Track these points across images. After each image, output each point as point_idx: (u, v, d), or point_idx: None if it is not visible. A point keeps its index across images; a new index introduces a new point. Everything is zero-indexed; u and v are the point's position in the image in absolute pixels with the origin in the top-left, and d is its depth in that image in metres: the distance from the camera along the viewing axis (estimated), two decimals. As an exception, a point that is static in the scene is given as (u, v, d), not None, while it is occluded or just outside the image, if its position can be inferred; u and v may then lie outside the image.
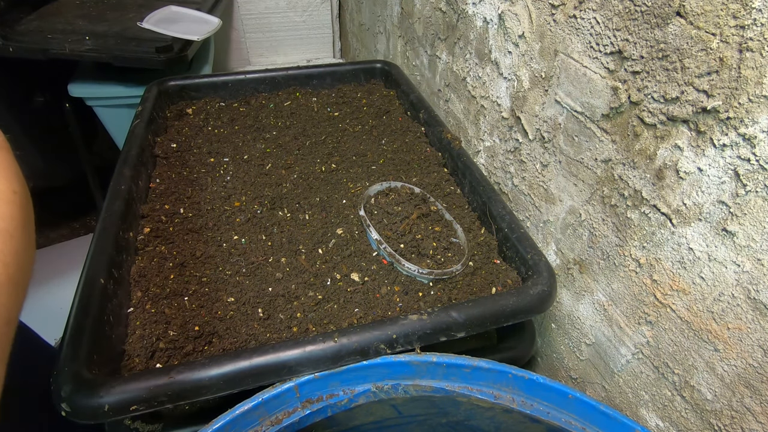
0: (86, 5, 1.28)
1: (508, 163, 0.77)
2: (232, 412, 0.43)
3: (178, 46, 1.13)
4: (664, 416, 0.53)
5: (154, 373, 0.44)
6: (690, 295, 0.46)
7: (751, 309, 0.40)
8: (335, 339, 0.47)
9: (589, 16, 0.53)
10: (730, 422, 0.44)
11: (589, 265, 0.60)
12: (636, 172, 0.50)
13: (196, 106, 0.94)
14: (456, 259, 0.62)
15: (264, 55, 2.14)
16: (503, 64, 0.73)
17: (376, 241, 0.61)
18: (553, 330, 0.71)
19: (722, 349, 0.44)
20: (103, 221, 0.60)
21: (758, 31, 0.35)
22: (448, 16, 0.90)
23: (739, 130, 0.38)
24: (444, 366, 0.48)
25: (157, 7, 1.28)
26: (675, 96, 0.43)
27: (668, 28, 0.43)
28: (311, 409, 0.46)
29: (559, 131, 0.62)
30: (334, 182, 0.77)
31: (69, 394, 0.42)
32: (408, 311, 0.54)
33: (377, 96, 1.01)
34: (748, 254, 0.40)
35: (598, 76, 0.53)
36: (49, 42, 1.02)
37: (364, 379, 0.48)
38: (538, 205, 0.70)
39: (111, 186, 0.66)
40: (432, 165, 0.81)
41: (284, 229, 0.67)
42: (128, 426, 0.48)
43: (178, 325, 0.53)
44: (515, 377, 0.48)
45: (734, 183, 0.40)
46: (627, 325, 0.55)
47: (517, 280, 0.60)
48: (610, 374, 0.60)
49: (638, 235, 0.51)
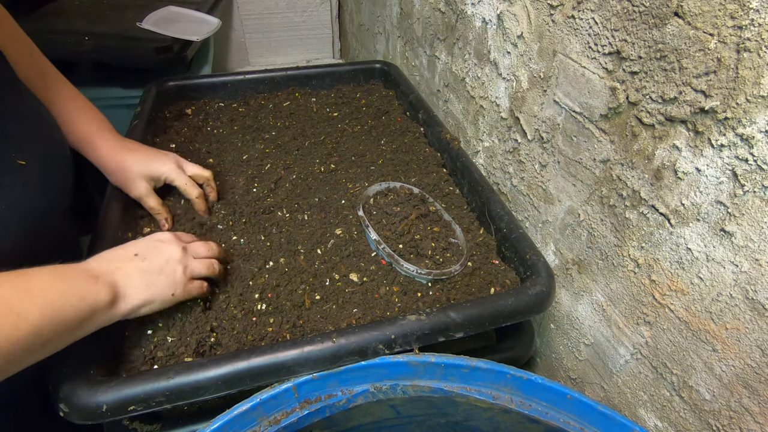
0: (86, 5, 1.28)
1: (507, 164, 0.77)
2: (230, 413, 0.43)
3: (178, 46, 1.13)
4: (663, 416, 0.53)
5: (153, 374, 0.44)
6: (688, 296, 0.46)
7: (749, 309, 0.40)
8: (334, 339, 0.47)
9: (587, 17, 0.53)
10: (728, 422, 0.44)
11: (587, 266, 0.60)
12: (634, 172, 0.50)
13: (195, 107, 0.94)
14: (455, 259, 0.62)
15: (263, 55, 2.14)
16: (502, 64, 0.73)
17: (375, 241, 0.61)
18: (551, 330, 0.71)
19: (720, 350, 0.44)
20: (101, 222, 0.60)
21: (756, 32, 0.35)
22: (447, 17, 0.90)
23: (737, 130, 0.38)
24: (442, 366, 0.48)
25: (156, 7, 1.28)
26: (673, 96, 0.43)
27: (666, 29, 0.43)
28: (309, 410, 0.46)
29: (557, 131, 0.62)
30: (333, 182, 0.77)
31: (67, 394, 0.42)
32: (406, 311, 0.54)
33: (376, 96, 1.01)
34: (746, 254, 0.40)
35: (597, 77, 0.53)
36: (49, 42, 1.02)
37: (362, 380, 0.48)
38: (537, 205, 0.70)
39: (110, 186, 0.66)
40: (431, 165, 0.81)
41: (283, 229, 0.67)
42: (126, 426, 0.48)
43: (178, 324, 0.53)
44: (514, 377, 0.48)
45: (732, 183, 0.40)
46: (626, 325, 0.55)
47: (515, 281, 0.60)
48: (609, 374, 0.60)
49: (637, 235, 0.51)
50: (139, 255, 0.49)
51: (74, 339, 0.42)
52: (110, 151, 0.63)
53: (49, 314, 0.38)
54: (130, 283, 0.46)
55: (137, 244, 0.50)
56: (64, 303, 0.39)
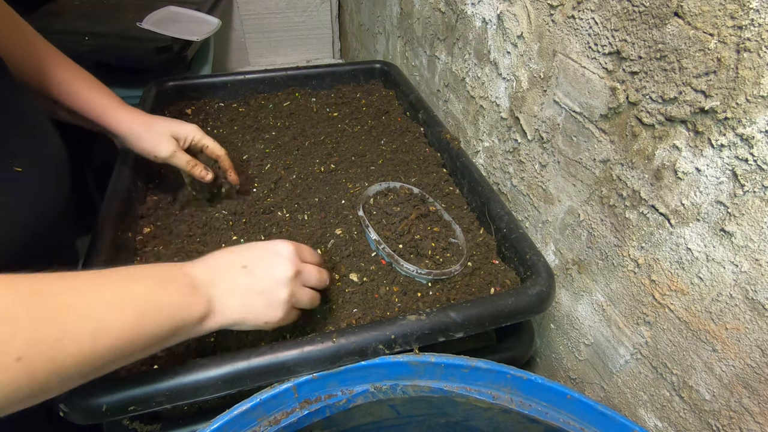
0: (86, 5, 1.28)
1: (507, 164, 0.77)
2: (230, 413, 0.43)
3: (178, 46, 1.13)
4: (663, 416, 0.53)
5: (153, 374, 0.44)
6: (688, 296, 0.46)
7: (749, 309, 0.40)
8: (333, 339, 0.47)
9: (587, 17, 0.53)
10: (728, 422, 0.44)
11: (587, 266, 0.60)
12: (634, 172, 0.50)
13: (195, 107, 0.94)
14: (455, 259, 0.62)
15: (263, 55, 2.14)
16: (502, 64, 0.73)
17: (375, 241, 0.61)
18: (551, 330, 0.71)
19: (720, 350, 0.44)
20: (101, 221, 0.60)
21: (756, 32, 0.35)
22: (447, 17, 0.90)
23: (737, 130, 0.38)
24: (442, 366, 0.48)
25: (156, 7, 1.28)
26: (673, 96, 0.43)
27: (666, 29, 0.43)
28: (309, 410, 0.46)
29: (557, 131, 0.62)
30: (333, 182, 0.77)
31: (67, 394, 0.42)
32: (406, 311, 0.54)
33: (376, 96, 1.01)
34: (746, 254, 0.40)
35: (597, 77, 0.53)
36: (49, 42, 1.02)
37: (362, 380, 0.48)
38: (537, 205, 0.70)
39: (110, 186, 0.66)
40: (431, 165, 0.81)
41: (283, 229, 0.67)
42: (126, 426, 0.47)
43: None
44: (513, 377, 0.48)
45: (732, 183, 0.40)
46: (625, 325, 0.55)
47: (515, 281, 0.60)
48: (609, 374, 0.60)
49: (636, 235, 0.51)
50: (248, 267, 0.44)
51: (153, 352, 0.39)
52: (133, 115, 0.64)
53: (138, 328, 0.35)
54: (226, 300, 0.42)
55: (250, 251, 0.46)
56: (154, 315, 0.37)
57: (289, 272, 0.45)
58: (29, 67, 0.57)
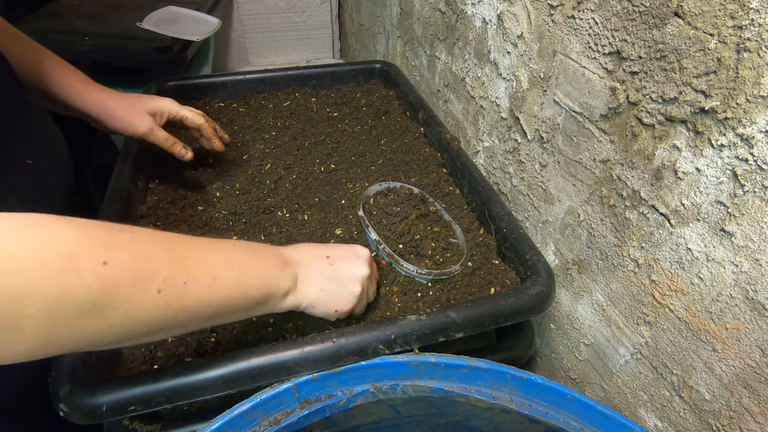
0: (86, 5, 1.28)
1: (507, 164, 0.77)
2: (230, 413, 0.43)
3: (178, 46, 1.13)
4: (663, 416, 0.53)
5: (153, 374, 0.44)
6: (688, 296, 0.46)
7: (749, 309, 0.40)
8: (334, 339, 0.47)
9: (587, 17, 0.53)
10: (728, 422, 0.44)
11: (587, 266, 0.60)
12: (634, 172, 0.50)
13: (195, 107, 0.93)
14: (455, 259, 0.62)
15: (263, 55, 2.14)
16: (502, 64, 0.73)
17: (375, 241, 0.61)
18: (551, 330, 0.71)
19: (720, 350, 0.44)
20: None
21: (756, 32, 0.35)
22: (447, 17, 0.90)
23: (737, 130, 0.38)
24: (442, 366, 0.48)
25: (156, 7, 1.28)
26: (673, 96, 0.43)
27: (666, 29, 0.43)
28: (309, 410, 0.46)
29: (557, 131, 0.62)
30: (333, 182, 0.77)
31: (67, 394, 0.42)
32: (407, 311, 0.54)
33: (376, 96, 1.01)
34: (746, 254, 0.40)
35: (597, 77, 0.53)
36: (49, 42, 1.02)
37: (362, 380, 0.48)
38: (537, 205, 0.70)
39: (110, 186, 0.66)
40: (431, 165, 0.81)
41: (283, 229, 0.67)
42: (126, 426, 0.47)
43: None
44: (514, 377, 0.48)
45: (732, 183, 0.40)
46: (626, 325, 0.55)
47: (515, 281, 0.60)
48: (609, 374, 0.60)
49: (637, 235, 0.51)
50: (331, 258, 0.48)
51: (242, 317, 0.42)
52: (104, 93, 0.63)
53: (241, 287, 0.39)
54: (307, 281, 0.46)
55: (334, 248, 0.50)
56: (253, 279, 0.40)
57: (366, 271, 0.50)
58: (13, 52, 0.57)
